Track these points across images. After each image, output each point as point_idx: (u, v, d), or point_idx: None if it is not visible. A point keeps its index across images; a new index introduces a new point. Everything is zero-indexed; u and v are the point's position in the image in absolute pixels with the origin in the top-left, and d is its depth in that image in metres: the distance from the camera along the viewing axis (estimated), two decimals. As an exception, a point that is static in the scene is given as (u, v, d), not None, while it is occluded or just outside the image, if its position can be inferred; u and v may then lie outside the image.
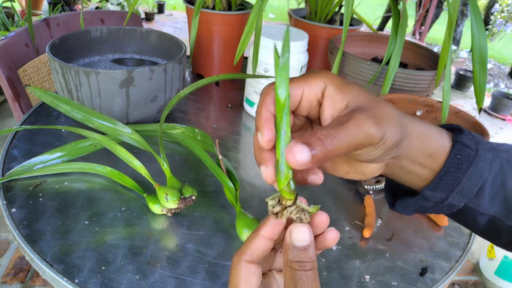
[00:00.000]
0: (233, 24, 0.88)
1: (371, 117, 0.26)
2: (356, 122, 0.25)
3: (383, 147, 0.27)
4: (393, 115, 0.27)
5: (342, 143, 0.25)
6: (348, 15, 0.68)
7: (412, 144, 0.29)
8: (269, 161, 0.27)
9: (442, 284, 0.49)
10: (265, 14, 4.71)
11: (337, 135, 0.25)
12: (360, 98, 0.27)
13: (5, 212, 0.51)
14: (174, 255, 0.48)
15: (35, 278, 1.24)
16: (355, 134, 0.25)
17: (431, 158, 0.29)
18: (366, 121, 0.25)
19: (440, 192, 0.29)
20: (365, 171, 0.31)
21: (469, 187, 0.29)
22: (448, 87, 0.67)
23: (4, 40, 0.87)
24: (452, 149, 0.29)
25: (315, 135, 0.25)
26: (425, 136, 0.29)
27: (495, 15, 3.67)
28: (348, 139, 0.25)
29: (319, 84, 0.28)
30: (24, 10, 3.08)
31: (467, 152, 0.29)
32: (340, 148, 0.25)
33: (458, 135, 0.30)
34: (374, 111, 0.26)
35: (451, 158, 0.29)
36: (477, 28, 0.66)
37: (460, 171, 0.29)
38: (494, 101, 2.89)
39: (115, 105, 0.64)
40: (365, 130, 0.25)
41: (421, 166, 0.30)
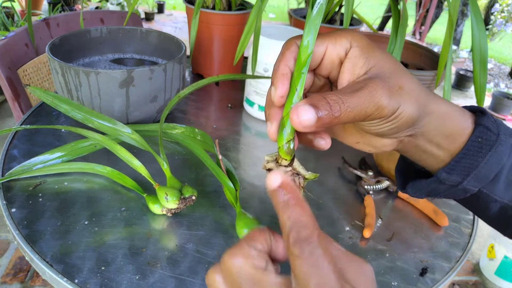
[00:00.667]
0: (233, 24, 0.88)
1: (386, 87, 0.24)
2: (369, 91, 0.24)
3: (395, 122, 0.25)
4: (414, 89, 0.26)
5: (351, 110, 0.24)
6: (348, 15, 0.68)
7: (432, 123, 0.27)
8: (276, 118, 0.26)
9: (442, 284, 0.49)
10: (265, 14, 4.72)
11: (347, 101, 0.24)
12: (382, 66, 0.25)
13: (5, 212, 0.51)
14: (174, 255, 0.48)
15: (35, 278, 1.24)
16: (365, 103, 0.24)
17: (450, 139, 0.28)
18: (379, 91, 0.24)
19: (456, 175, 0.28)
20: (376, 144, 0.29)
21: (486, 171, 0.28)
22: (449, 87, 0.67)
23: (4, 40, 0.87)
24: (473, 132, 0.28)
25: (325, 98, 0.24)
26: (447, 116, 0.27)
27: (495, 15, 3.67)
28: (358, 107, 0.24)
29: (344, 44, 0.26)
30: (24, 10, 3.08)
31: (488, 136, 0.27)
32: (348, 115, 0.24)
33: (481, 117, 0.28)
34: (393, 82, 0.25)
35: (471, 140, 0.27)
36: (478, 28, 0.66)
37: (479, 155, 0.27)
38: (495, 101, 2.89)
39: (115, 105, 0.64)
40: (376, 100, 0.24)
41: (438, 147, 0.28)
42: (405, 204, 0.62)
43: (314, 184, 0.63)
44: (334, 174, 0.66)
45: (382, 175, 0.65)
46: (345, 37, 0.26)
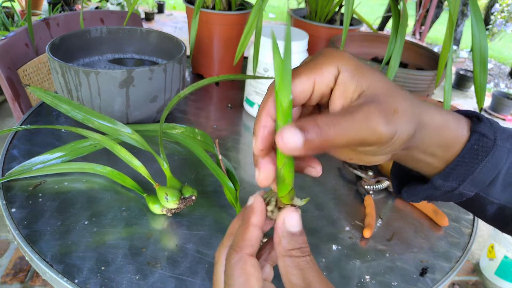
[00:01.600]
0: (233, 24, 0.88)
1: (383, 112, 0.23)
2: (364, 115, 0.23)
3: (392, 146, 0.24)
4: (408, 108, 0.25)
5: (344, 134, 0.22)
6: (348, 15, 0.68)
7: (426, 136, 0.26)
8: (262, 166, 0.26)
9: (442, 284, 0.49)
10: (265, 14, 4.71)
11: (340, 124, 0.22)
12: (376, 87, 0.24)
13: (5, 212, 0.51)
14: (174, 256, 0.48)
15: (35, 278, 1.24)
16: (360, 128, 0.23)
17: (445, 148, 0.27)
18: (376, 116, 0.23)
19: (451, 181, 0.28)
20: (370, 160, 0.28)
21: (482, 177, 0.27)
22: (449, 87, 0.67)
23: (4, 40, 0.87)
24: (469, 139, 0.27)
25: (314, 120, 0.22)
26: (442, 128, 0.27)
27: (495, 15, 3.67)
28: (352, 131, 0.22)
29: (332, 71, 0.25)
30: (24, 10, 3.08)
31: (484, 142, 0.27)
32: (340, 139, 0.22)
33: (477, 124, 0.28)
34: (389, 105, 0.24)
35: (467, 148, 0.27)
36: (478, 28, 0.66)
37: (475, 162, 0.27)
38: (495, 101, 2.89)
39: (115, 105, 0.64)
40: (373, 126, 0.23)
41: (432, 156, 0.28)
42: (405, 204, 0.62)
43: (314, 184, 0.63)
44: (334, 174, 0.66)
45: (382, 175, 0.65)
46: (331, 63, 0.25)
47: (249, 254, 0.26)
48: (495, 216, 0.30)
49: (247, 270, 0.25)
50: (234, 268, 0.25)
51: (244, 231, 0.26)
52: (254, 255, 0.26)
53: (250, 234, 0.26)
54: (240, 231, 0.27)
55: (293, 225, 0.25)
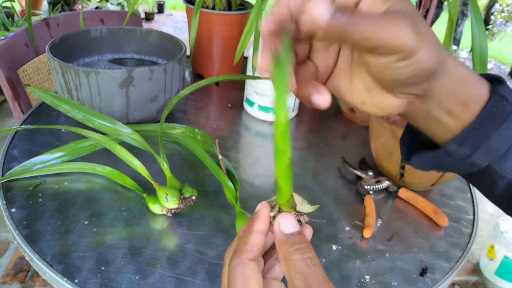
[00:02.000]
0: (233, 24, 0.88)
1: (412, 22, 0.22)
2: (393, 18, 0.22)
3: (414, 67, 0.23)
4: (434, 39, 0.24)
5: (369, 27, 0.21)
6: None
7: (446, 85, 0.25)
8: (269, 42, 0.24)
9: (442, 284, 0.49)
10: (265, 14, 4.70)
11: (369, 17, 0.22)
12: (403, 6, 0.23)
13: (5, 212, 0.51)
14: (174, 255, 0.48)
15: (35, 278, 1.24)
16: (387, 27, 0.22)
17: (463, 107, 0.26)
18: (404, 23, 0.22)
19: (465, 147, 0.26)
20: (383, 105, 0.27)
21: (498, 145, 0.26)
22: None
23: (4, 40, 0.87)
24: (489, 100, 0.26)
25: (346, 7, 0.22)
26: (463, 81, 0.26)
27: (495, 15, 3.67)
28: (378, 28, 0.21)
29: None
30: (24, 10, 3.08)
31: (503, 106, 0.25)
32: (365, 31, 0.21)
33: (498, 86, 0.26)
34: (417, 22, 0.23)
35: (486, 110, 0.26)
36: (477, 28, 0.66)
37: (492, 126, 0.26)
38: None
39: (115, 105, 0.64)
40: (399, 30, 0.22)
41: (449, 114, 0.26)
42: (405, 204, 0.62)
43: (314, 184, 0.63)
44: (334, 174, 0.66)
45: (382, 175, 0.65)
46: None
47: (250, 259, 0.27)
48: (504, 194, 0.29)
49: (246, 273, 0.26)
50: (234, 271, 0.26)
51: (246, 236, 0.27)
52: (255, 259, 0.27)
53: (251, 239, 0.27)
54: (243, 236, 0.28)
55: (288, 226, 0.26)
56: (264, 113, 0.77)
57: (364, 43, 0.22)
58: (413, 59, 0.23)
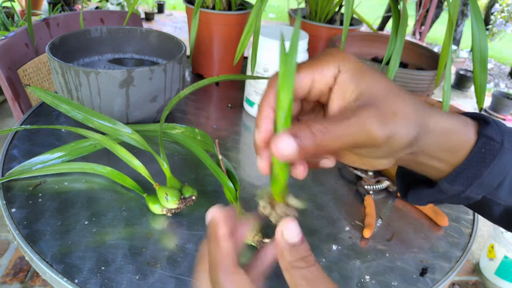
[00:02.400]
0: (233, 24, 0.88)
1: (378, 115, 0.23)
2: (358, 118, 0.23)
3: (388, 147, 0.24)
4: (409, 112, 0.24)
5: (337, 139, 0.23)
6: (348, 15, 0.68)
7: (431, 140, 0.26)
8: (264, 154, 0.26)
9: (442, 284, 0.49)
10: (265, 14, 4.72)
11: (334, 130, 0.23)
12: (374, 90, 0.24)
13: (5, 212, 0.51)
14: (174, 255, 0.48)
15: (35, 278, 1.24)
16: (354, 133, 0.23)
17: (451, 153, 0.27)
18: (370, 120, 0.23)
19: (458, 185, 0.28)
20: (373, 164, 0.28)
21: (489, 180, 0.27)
22: (448, 87, 0.67)
23: (4, 40, 0.87)
24: (476, 143, 0.27)
25: (308, 127, 0.23)
26: (449, 132, 0.26)
27: (495, 15, 3.67)
28: (346, 136, 0.23)
29: (332, 70, 0.25)
30: (24, 10, 3.08)
31: (492, 146, 0.27)
32: (334, 144, 0.23)
33: (484, 127, 0.27)
34: (386, 108, 0.24)
35: (474, 151, 0.27)
36: (478, 28, 0.66)
37: (483, 165, 0.27)
38: (495, 101, 2.89)
39: (115, 105, 0.64)
40: (367, 128, 0.23)
41: (439, 160, 0.28)
42: (405, 204, 0.62)
43: (314, 184, 0.63)
44: (334, 174, 0.66)
45: (382, 175, 0.65)
46: (332, 62, 0.25)
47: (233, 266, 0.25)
48: (502, 217, 0.30)
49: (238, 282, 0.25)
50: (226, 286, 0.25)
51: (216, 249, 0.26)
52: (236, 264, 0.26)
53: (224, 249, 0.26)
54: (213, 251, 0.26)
55: (293, 235, 0.25)
56: (264, 113, 0.77)
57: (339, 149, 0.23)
58: (388, 144, 0.24)
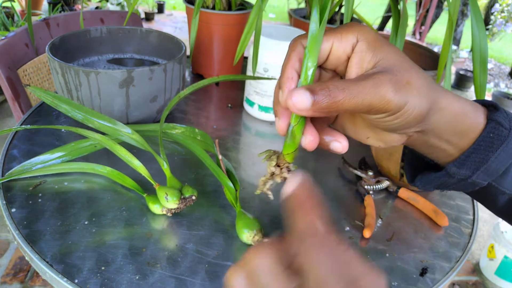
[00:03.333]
0: (233, 24, 0.88)
1: (394, 81, 0.24)
2: (374, 82, 0.24)
3: (404, 118, 0.25)
4: (423, 84, 0.25)
5: (352, 98, 0.23)
6: (348, 15, 0.68)
7: (442, 120, 0.27)
8: (283, 114, 0.26)
9: (442, 284, 0.49)
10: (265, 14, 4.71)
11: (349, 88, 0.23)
12: (390, 60, 0.25)
13: (5, 212, 0.51)
14: (174, 255, 0.48)
15: (35, 278, 1.24)
16: (369, 93, 0.23)
17: (461, 135, 0.28)
18: (385, 84, 0.24)
19: (465, 169, 0.28)
20: (386, 139, 0.29)
21: (496, 166, 0.27)
22: (449, 87, 0.67)
23: (4, 40, 0.87)
24: (485, 127, 0.27)
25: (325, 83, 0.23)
26: (459, 114, 0.27)
27: (495, 15, 3.67)
28: (360, 96, 0.23)
29: (351, 39, 0.26)
30: (24, 10, 3.08)
31: (500, 131, 0.27)
32: (349, 103, 0.23)
33: (493, 112, 0.28)
34: (401, 76, 0.24)
35: (483, 136, 0.27)
36: (478, 28, 0.66)
37: (490, 150, 0.27)
38: (494, 101, 2.88)
39: (115, 105, 0.64)
40: (382, 92, 0.23)
41: (448, 143, 0.28)
42: (405, 204, 0.62)
43: (314, 184, 0.63)
44: (334, 174, 0.66)
45: (382, 175, 0.65)
46: (351, 32, 0.26)
47: None
48: (506, 207, 0.30)
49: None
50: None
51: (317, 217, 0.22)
52: None
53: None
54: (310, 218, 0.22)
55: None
56: (264, 113, 0.77)
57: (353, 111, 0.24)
58: (401, 113, 0.24)
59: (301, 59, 0.26)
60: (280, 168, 0.28)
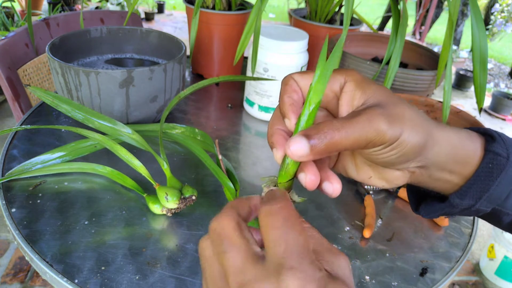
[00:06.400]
0: (233, 24, 0.88)
1: (386, 114, 0.25)
2: (367, 117, 0.24)
3: (400, 149, 0.25)
4: (415, 116, 0.26)
5: (348, 136, 0.24)
6: (348, 15, 0.68)
7: (441, 152, 0.27)
8: (281, 144, 0.27)
9: (442, 284, 0.49)
10: (265, 14, 4.71)
11: (344, 128, 0.24)
12: (380, 96, 0.26)
13: (5, 212, 0.51)
14: (174, 255, 0.48)
15: (35, 278, 1.24)
16: (364, 128, 0.24)
17: (462, 165, 0.28)
18: (378, 117, 0.24)
19: (468, 199, 0.29)
20: (388, 177, 0.29)
21: (498, 194, 0.28)
22: (449, 87, 0.67)
23: (4, 40, 0.87)
24: (484, 158, 0.28)
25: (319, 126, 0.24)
26: (457, 144, 0.28)
27: (495, 15, 3.67)
28: (356, 133, 0.24)
29: (339, 79, 0.27)
30: (24, 10, 3.08)
31: (498, 160, 0.28)
32: (347, 141, 0.24)
33: (490, 143, 0.29)
34: (392, 110, 0.25)
35: (482, 167, 0.28)
36: (478, 28, 0.66)
37: (490, 179, 0.28)
38: (495, 101, 2.89)
39: (115, 105, 0.64)
40: (376, 125, 0.24)
41: (451, 173, 0.29)
42: (405, 204, 0.62)
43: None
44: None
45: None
46: (340, 74, 0.27)
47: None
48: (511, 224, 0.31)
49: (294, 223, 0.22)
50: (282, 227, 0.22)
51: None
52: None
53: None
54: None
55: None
56: (264, 113, 0.77)
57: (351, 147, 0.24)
58: (397, 143, 0.25)
59: (295, 90, 0.27)
60: None
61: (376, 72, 0.74)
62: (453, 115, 0.68)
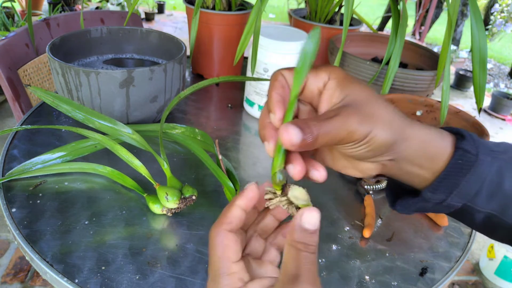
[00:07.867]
0: (233, 24, 0.88)
1: (357, 114, 0.27)
2: (341, 117, 0.27)
3: (367, 145, 0.28)
4: (386, 116, 0.28)
5: (326, 134, 0.26)
6: (348, 15, 0.68)
7: (411, 148, 0.29)
8: (272, 137, 0.29)
9: (442, 284, 0.49)
10: (265, 14, 4.72)
11: (323, 127, 0.26)
12: (356, 95, 0.28)
13: (5, 212, 0.51)
14: (174, 255, 0.48)
15: (35, 278, 1.24)
16: (338, 128, 0.26)
17: (431, 161, 0.30)
18: (350, 117, 0.27)
19: (439, 193, 0.30)
20: (361, 168, 0.32)
21: (467, 189, 0.30)
22: (447, 87, 0.67)
23: (4, 40, 0.87)
24: (453, 155, 0.30)
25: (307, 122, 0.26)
26: (427, 142, 0.30)
27: (495, 15, 3.67)
28: (332, 132, 0.26)
29: (323, 76, 0.29)
30: (24, 10, 3.08)
31: (468, 157, 0.30)
32: (323, 139, 0.26)
33: (460, 140, 0.30)
34: (365, 109, 0.27)
35: (452, 162, 0.30)
36: (477, 28, 0.66)
37: (460, 175, 0.30)
38: (494, 101, 2.89)
39: (115, 105, 0.64)
40: (347, 126, 0.26)
41: (421, 168, 0.30)
42: (405, 204, 0.62)
43: (314, 184, 0.63)
44: (334, 174, 0.66)
45: (381, 175, 0.65)
46: (324, 71, 0.29)
47: (228, 230, 0.29)
48: (483, 224, 0.32)
49: (224, 243, 0.28)
50: (214, 240, 0.29)
51: (227, 209, 0.29)
52: (233, 231, 0.29)
53: (231, 212, 0.29)
54: (224, 209, 0.30)
55: (310, 222, 0.27)
56: (264, 113, 0.77)
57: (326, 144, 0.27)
58: (365, 141, 0.27)
59: (283, 86, 0.29)
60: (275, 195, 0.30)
61: (376, 72, 0.74)
62: (453, 115, 0.68)
